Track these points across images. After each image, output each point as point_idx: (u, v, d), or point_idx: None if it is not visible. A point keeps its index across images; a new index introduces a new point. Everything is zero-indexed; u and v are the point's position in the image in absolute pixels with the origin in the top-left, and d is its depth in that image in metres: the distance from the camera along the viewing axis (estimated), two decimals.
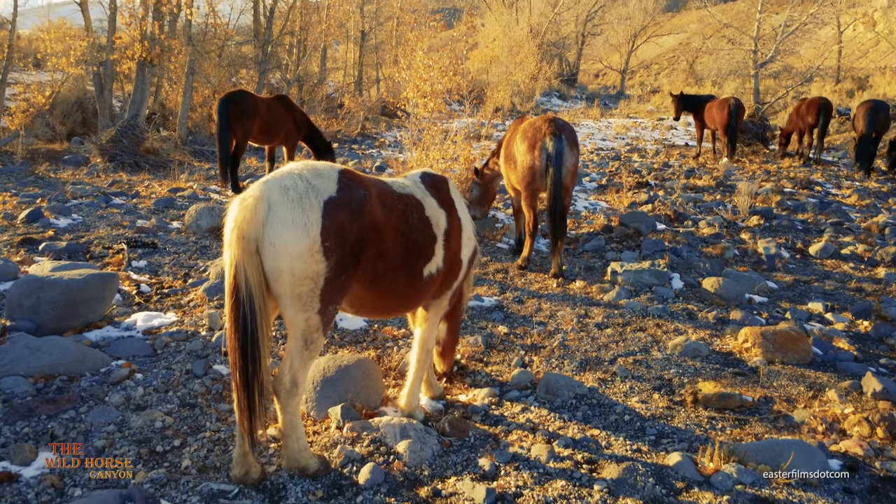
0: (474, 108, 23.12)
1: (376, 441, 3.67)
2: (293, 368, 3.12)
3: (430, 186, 3.81)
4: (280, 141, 10.82)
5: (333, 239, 2.95)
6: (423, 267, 3.54)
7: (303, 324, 3.05)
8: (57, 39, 15.63)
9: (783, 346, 5.15)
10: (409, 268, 3.45)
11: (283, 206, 2.88)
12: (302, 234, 2.88)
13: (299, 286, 2.94)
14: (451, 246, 3.76)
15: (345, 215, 3.00)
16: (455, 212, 3.85)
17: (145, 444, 3.57)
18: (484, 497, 3.19)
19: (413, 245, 3.44)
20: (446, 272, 3.76)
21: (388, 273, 3.33)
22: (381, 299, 3.46)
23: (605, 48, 43.66)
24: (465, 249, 3.95)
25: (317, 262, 2.92)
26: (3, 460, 3.31)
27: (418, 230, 3.49)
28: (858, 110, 14.53)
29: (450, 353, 4.51)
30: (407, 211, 3.46)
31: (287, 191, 2.92)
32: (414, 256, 3.46)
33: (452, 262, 3.80)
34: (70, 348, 4.30)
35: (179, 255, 7.01)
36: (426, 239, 3.54)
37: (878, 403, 4.38)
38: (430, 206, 3.66)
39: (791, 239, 9.15)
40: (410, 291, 3.54)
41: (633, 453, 3.69)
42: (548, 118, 6.99)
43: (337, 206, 2.99)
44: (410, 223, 3.45)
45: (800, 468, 3.48)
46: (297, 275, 2.91)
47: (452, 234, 3.77)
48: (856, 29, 32.68)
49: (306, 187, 2.96)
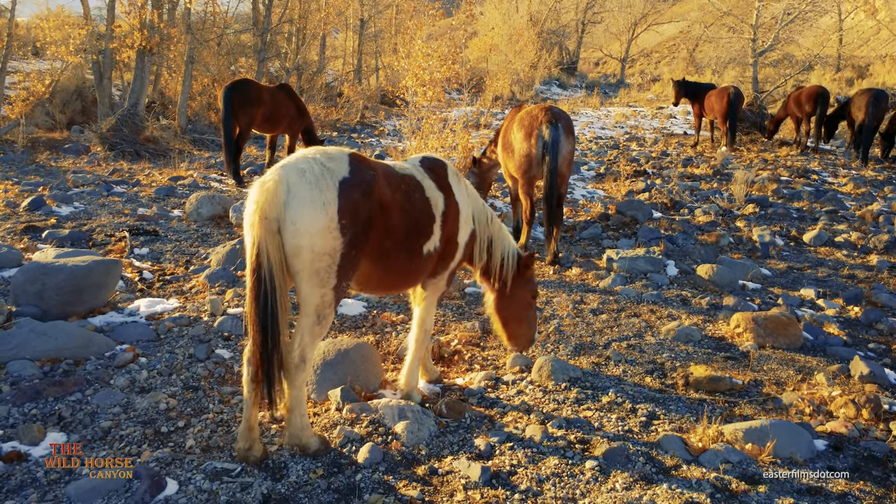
0: (473, 96, 23.12)
1: (375, 422, 3.78)
2: (303, 343, 3.27)
3: (429, 170, 3.95)
4: (283, 129, 10.87)
5: (349, 216, 3.15)
6: (423, 245, 3.71)
7: (318, 299, 3.21)
8: (56, 28, 15.62)
9: (774, 331, 5.25)
10: (411, 244, 3.63)
11: (302, 188, 3.05)
12: (321, 212, 3.06)
13: (318, 262, 3.12)
14: (448, 227, 3.91)
15: (358, 194, 3.20)
16: (452, 195, 3.97)
17: (150, 424, 3.68)
18: (479, 475, 3.29)
19: (415, 223, 3.63)
20: (442, 251, 3.91)
21: (392, 249, 3.52)
22: (386, 274, 3.64)
23: (606, 36, 43.51)
24: (462, 233, 4.07)
25: (334, 239, 3.11)
26: (13, 440, 3.42)
27: (420, 209, 3.67)
28: (859, 99, 14.50)
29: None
30: (409, 191, 3.64)
31: (304, 173, 3.10)
32: (415, 234, 3.64)
33: (448, 242, 3.95)
34: (75, 333, 4.40)
35: (181, 242, 7.10)
36: (426, 218, 3.72)
37: (864, 386, 4.49)
38: (429, 187, 3.81)
39: (786, 227, 9.23)
40: (411, 267, 3.72)
41: (625, 434, 3.79)
42: (544, 107, 7.05)
43: (351, 186, 3.18)
44: (413, 202, 3.63)
45: (786, 448, 3.59)
46: (316, 251, 3.09)
47: (449, 216, 3.91)
48: (856, 17, 32.55)
49: (321, 169, 3.14)
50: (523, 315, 4.43)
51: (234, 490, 3.09)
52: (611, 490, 3.22)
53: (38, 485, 3.10)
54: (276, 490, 3.13)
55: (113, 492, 3.04)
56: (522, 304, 4.41)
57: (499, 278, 4.31)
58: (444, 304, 5.90)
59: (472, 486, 3.25)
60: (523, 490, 3.22)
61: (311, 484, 3.21)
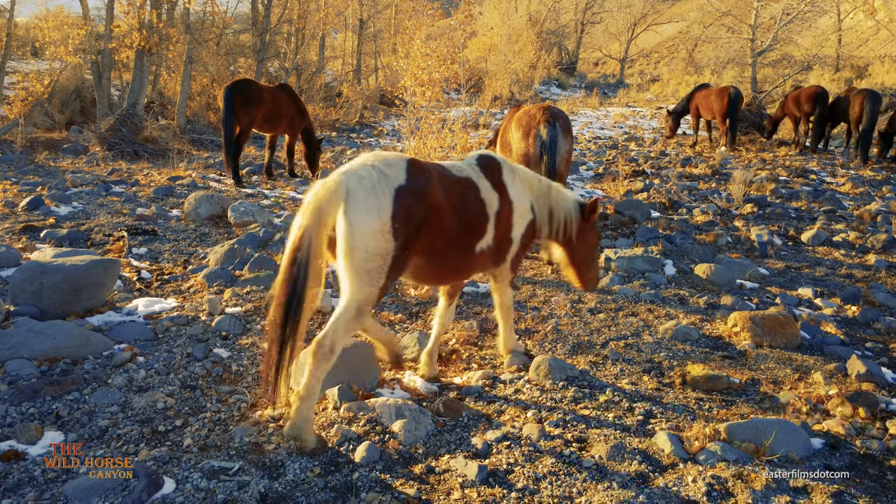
0: (472, 96, 23.12)
1: (372, 421, 3.78)
2: (336, 335, 3.36)
3: (485, 169, 4.10)
4: (283, 129, 10.87)
5: (401, 221, 3.33)
6: (476, 243, 3.91)
7: (363, 296, 3.36)
8: (55, 28, 15.65)
9: (772, 330, 5.26)
10: (464, 243, 3.83)
11: (360, 194, 3.25)
12: (375, 217, 3.25)
13: (370, 262, 3.29)
14: (502, 225, 4.08)
15: (411, 201, 3.38)
16: (507, 194, 4.12)
17: (148, 423, 3.68)
18: (476, 473, 3.30)
19: (468, 224, 3.82)
20: (496, 248, 4.10)
21: (444, 247, 3.70)
22: (438, 270, 3.86)
23: (605, 36, 43.55)
24: (517, 228, 4.23)
25: (387, 242, 3.30)
26: (10, 439, 3.42)
27: (474, 210, 3.86)
28: (855, 100, 14.56)
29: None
30: (464, 193, 3.83)
31: (363, 180, 3.29)
32: (468, 233, 3.84)
33: (503, 239, 4.14)
34: (73, 332, 4.40)
35: (179, 242, 7.10)
36: (480, 218, 3.91)
37: (861, 385, 4.49)
38: (484, 188, 3.98)
39: (784, 226, 9.24)
40: (462, 264, 3.93)
41: (622, 433, 3.79)
42: (543, 106, 7.07)
43: (405, 193, 3.36)
44: (467, 203, 3.82)
45: (783, 446, 3.59)
46: (369, 251, 3.27)
47: (503, 214, 4.08)
48: (855, 17, 32.57)
49: (379, 176, 3.33)
50: (592, 259, 4.80)
51: (232, 488, 3.09)
52: (607, 488, 3.23)
53: (36, 484, 3.11)
54: (274, 488, 3.14)
55: (110, 490, 3.04)
56: (590, 248, 4.75)
57: (565, 235, 4.55)
58: None
59: (468, 484, 3.25)
60: (520, 488, 3.23)
61: (309, 482, 3.21)
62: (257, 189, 10.25)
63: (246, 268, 6.13)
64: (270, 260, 6.33)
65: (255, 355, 4.62)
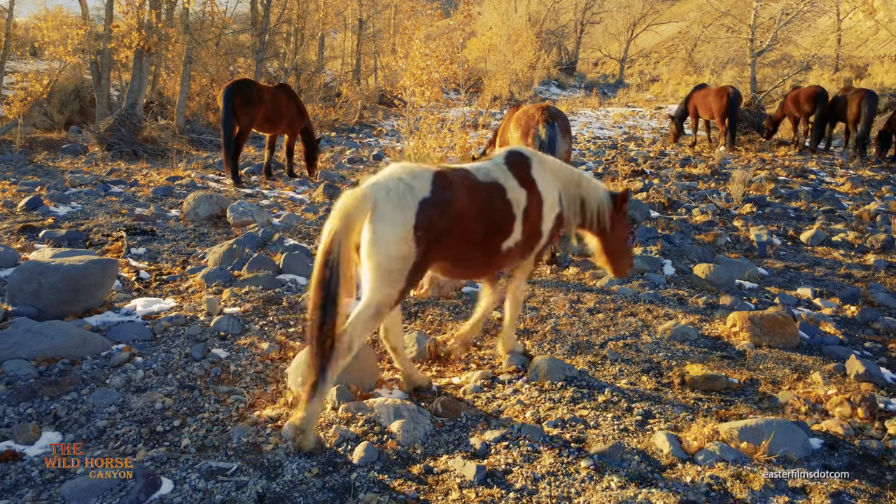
0: (472, 96, 23.12)
1: (371, 421, 3.78)
2: (354, 332, 3.50)
3: (512, 166, 4.18)
4: (282, 129, 10.86)
5: (423, 230, 3.50)
6: (502, 243, 4.04)
7: (383, 297, 3.52)
8: (54, 28, 15.64)
9: (770, 331, 5.26)
10: (489, 244, 3.97)
11: (386, 205, 3.44)
12: (399, 227, 3.44)
13: (391, 265, 3.47)
14: (530, 220, 4.18)
15: (434, 212, 3.55)
16: (535, 189, 4.21)
17: (146, 424, 3.68)
18: (474, 474, 3.29)
19: (494, 226, 3.96)
20: (524, 243, 4.21)
21: (468, 250, 3.87)
22: (464, 269, 4.11)
23: (605, 37, 43.55)
24: (546, 221, 4.32)
25: (409, 248, 3.47)
26: (8, 440, 3.41)
27: (500, 211, 3.98)
28: (852, 100, 14.63)
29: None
30: (490, 196, 3.94)
31: (390, 192, 3.48)
32: (493, 235, 3.97)
33: (531, 234, 4.24)
34: (71, 332, 4.39)
35: (178, 242, 7.10)
36: (507, 219, 4.02)
37: (860, 385, 4.49)
38: (511, 187, 4.06)
39: (783, 226, 9.24)
40: (488, 263, 4.12)
41: (621, 433, 3.79)
42: (541, 106, 7.06)
43: (429, 206, 3.53)
44: (493, 206, 3.94)
45: (782, 447, 3.59)
46: (392, 255, 3.45)
47: (532, 210, 4.17)
48: (855, 17, 32.57)
49: (405, 189, 3.51)
50: (625, 247, 4.91)
51: (230, 489, 3.09)
52: (606, 489, 3.22)
53: (33, 484, 3.10)
54: (271, 489, 3.13)
55: (108, 491, 3.03)
56: (623, 236, 4.86)
57: (598, 225, 4.67)
58: (441, 303, 5.90)
59: (467, 484, 3.25)
60: (518, 489, 3.22)
61: (307, 483, 3.21)
62: (256, 189, 10.24)
63: (245, 268, 6.13)
64: (269, 260, 6.32)
65: (253, 356, 4.61)
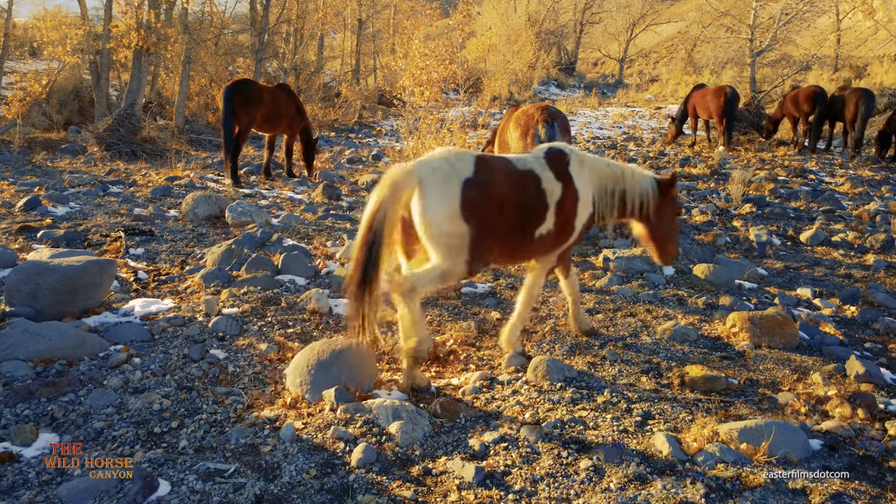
0: (471, 96, 23.11)
1: (369, 422, 3.76)
2: (418, 281, 3.89)
3: (550, 160, 4.42)
4: (282, 129, 10.85)
5: (469, 208, 3.82)
6: (535, 229, 4.29)
7: (448, 266, 3.89)
8: (53, 28, 15.62)
9: (770, 331, 5.24)
10: (523, 229, 4.23)
11: (432, 181, 3.79)
12: (446, 203, 3.78)
13: (448, 239, 3.83)
14: (564, 213, 4.38)
15: (476, 192, 3.86)
16: (571, 183, 4.41)
17: (143, 425, 3.66)
18: (473, 475, 3.28)
19: (527, 211, 4.20)
20: (556, 234, 4.42)
21: (506, 233, 4.13)
22: (501, 252, 4.26)
23: (604, 37, 43.53)
24: (581, 217, 4.52)
25: (460, 226, 3.82)
26: (5, 441, 3.40)
27: (532, 198, 4.22)
28: (849, 99, 14.67)
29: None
30: (524, 183, 4.20)
31: (436, 171, 3.83)
32: (527, 220, 4.22)
33: (563, 226, 4.43)
34: (69, 333, 4.38)
35: (176, 242, 7.08)
36: (539, 206, 4.26)
37: (860, 386, 4.48)
38: (546, 178, 4.30)
39: (783, 226, 9.23)
40: (523, 247, 4.36)
41: (620, 434, 3.78)
42: (541, 106, 7.05)
43: (471, 185, 3.86)
44: (526, 192, 4.19)
45: (782, 448, 3.57)
46: (444, 230, 3.80)
47: (566, 202, 4.37)
48: (854, 17, 32.57)
49: (450, 168, 3.85)
50: (671, 233, 4.99)
51: (227, 491, 3.07)
52: (605, 490, 3.21)
53: (30, 486, 3.09)
54: (269, 490, 3.12)
55: (105, 493, 3.02)
56: (669, 223, 4.94)
57: (642, 212, 4.79)
58: (440, 303, 5.89)
59: (466, 486, 3.24)
60: (517, 490, 3.21)
61: (305, 484, 3.19)
62: (255, 189, 10.23)
63: (243, 268, 6.11)
64: (268, 260, 6.31)
65: (251, 356, 4.60)
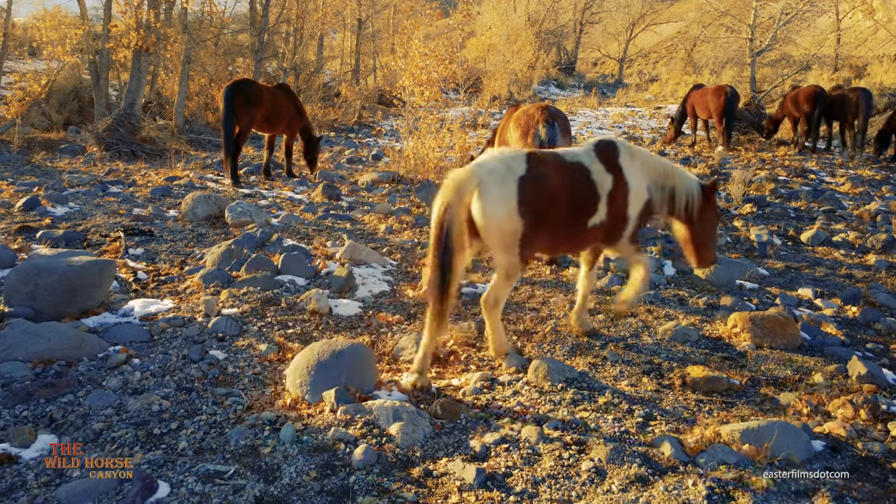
0: (471, 96, 23.10)
1: (369, 423, 3.75)
2: (496, 291, 4.39)
3: (600, 153, 4.60)
4: (282, 129, 10.83)
5: (525, 205, 4.07)
6: (588, 220, 4.49)
7: (507, 262, 4.24)
8: (52, 28, 15.60)
9: (772, 331, 5.23)
10: (576, 219, 4.44)
11: (492, 184, 4.07)
12: (504, 203, 4.06)
13: (506, 238, 4.13)
14: (616, 203, 4.57)
15: (531, 188, 4.11)
16: (622, 175, 4.58)
17: (143, 426, 3.65)
18: (474, 477, 3.27)
19: (579, 202, 4.41)
20: (610, 224, 4.60)
21: (559, 223, 4.35)
22: (555, 243, 4.55)
23: (604, 36, 43.49)
24: (632, 206, 4.67)
25: (516, 222, 4.09)
26: (3, 442, 3.38)
27: (583, 189, 4.43)
28: (849, 99, 14.71)
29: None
30: (575, 176, 4.41)
31: (493, 173, 4.11)
32: (579, 211, 4.43)
33: (617, 215, 4.61)
34: (68, 334, 4.36)
35: (176, 242, 7.06)
36: (591, 197, 4.46)
37: (862, 386, 4.46)
38: (596, 170, 4.50)
39: (783, 226, 9.22)
40: (576, 237, 4.59)
41: (622, 435, 3.76)
42: (541, 106, 7.03)
43: (526, 182, 4.11)
44: (577, 184, 4.40)
45: (784, 449, 3.56)
46: (503, 230, 4.10)
47: (617, 194, 4.56)
48: (854, 17, 32.56)
49: (507, 168, 4.12)
50: (710, 237, 5.11)
51: (227, 492, 3.06)
52: (607, 492, 3.19)
53: (29, 487, 3.07)
54: (269, 492, 3.11)
55: (104, 494, 3.01)
56: (709, 227, 5.07)
57: (687, 213, 4.91)
58: None
59: (466, 487, 3.22)
60: (518, 492, 3.20)
61: (305, 486, 3.18)
62: (255, 189, 10.21)
63: (243, 269, 6.09)
64: (268, 261, 6.29)
65: (251, 357, 4.58)
